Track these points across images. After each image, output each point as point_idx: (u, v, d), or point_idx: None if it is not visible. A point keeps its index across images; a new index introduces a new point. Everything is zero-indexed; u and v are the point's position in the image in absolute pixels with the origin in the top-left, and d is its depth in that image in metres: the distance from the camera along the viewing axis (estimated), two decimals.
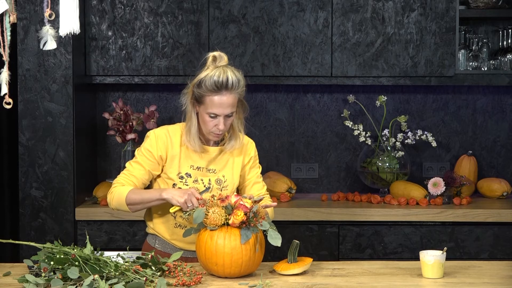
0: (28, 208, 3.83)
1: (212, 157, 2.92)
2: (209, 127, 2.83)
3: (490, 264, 2.88)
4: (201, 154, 2.90)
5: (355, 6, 4.04)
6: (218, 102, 2.78)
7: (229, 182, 2.93)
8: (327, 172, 4.42)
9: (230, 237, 2.58)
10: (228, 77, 2.75)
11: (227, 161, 2.94)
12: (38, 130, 3.81)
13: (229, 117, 2.82)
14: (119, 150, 4.33)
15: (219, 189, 2.90)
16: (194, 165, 2.90)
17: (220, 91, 2.76)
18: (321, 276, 2.66)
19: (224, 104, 2.78)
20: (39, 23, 3.74)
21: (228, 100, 2.78)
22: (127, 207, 2.83)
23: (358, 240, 3.90)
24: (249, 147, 3.00)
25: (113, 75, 4.06)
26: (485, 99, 4.41)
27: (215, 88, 2.76)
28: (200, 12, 4.03)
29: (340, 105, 4.39)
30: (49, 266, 2.49)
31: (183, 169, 2.89)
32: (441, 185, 4.02)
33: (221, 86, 2.76)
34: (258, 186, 3.01)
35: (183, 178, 2.88)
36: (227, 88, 2.76)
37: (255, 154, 3.01)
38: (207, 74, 2.77)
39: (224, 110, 2.79)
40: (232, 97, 2.79)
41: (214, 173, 2.91)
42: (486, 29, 4.37)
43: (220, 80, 2.75)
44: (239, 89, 2.80)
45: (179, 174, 2.89)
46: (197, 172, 2.89)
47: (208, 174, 2.91)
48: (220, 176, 2.91)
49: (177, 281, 2.52)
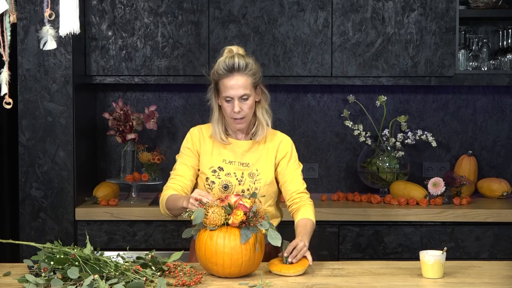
0: (28, 208, 3.83)
1: (244, 150, 2.99)
2: (228, 113, 2.93)
3: (490, 264, 2.88)
4: (233, 149, 2.99)
5: (355, 6, 4.04)
6: (229, 84, 2.90)
7: (262, 176, 2.97)
8: (327, 172, 4.42)
9: (230, 237, 2.58)
10: (235, 59, 2.89)
11: (261, 154, 2.99)
12: (38, 130, 3.81)
13: (244, 100, 2.92)
14: (119, 150, 4.33)
15: (252, 182, 2.96)
16: (227, 159, 2.98)
17: (231, 73, 2.89)
18: (321, 276, 2.66)
19: (235, 86, 2.89)
20: (39, 23, 3.74)
21: (238, 81, 2.89)
22: (168, 212, 2.94)
23: (358, 240, 3.90)
24: (285, 143, 3.04)
25: (113, 75, 4.06)
26: (485, 99, 4.41)
27: (225, 71, 2.89)
28: (200, 12, 4.03)
29: (340, 105, 4.39)
30: (49, 266, 2.49)
31: (215, 163, 2.98)
32: (441, 185, 4.02)
33: (230, 68, 2.89)
34: (297, 182, 3.01)
35: (216, 172, 2.97)
36: (236, 70, 2.89)
37: (291, 150, 3.04)
38: (219, 61, 2.92)
39: (236, 91, 2.89)
40: (242, 79, 2.90)
41: (247, 166, 2.97)
42: (486, 29, 4.37)
43: (227, 62, 2.89)
44: (249, 72, 2.91)
45: (212, 168, 2.98)
46: (230, 166, 2.97)
47: (241, 167, 2.97)
48: (254, 169, 2.97)
49: (177, 281, 2.52)
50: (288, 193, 2.99)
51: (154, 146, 4.34)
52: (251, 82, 2.92)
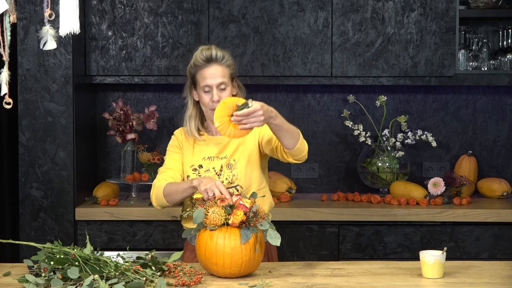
0: (28, 208, 3.83)
1: (223, 145, 3.00)
2: (206, 103, 2.97)
3: (490, 264, 2.88)
4: (213, 145, 3.01)
5: (355, 6, 4.04)
6: (208, 73, 2.96)
7: (239, 163, 2.97)
8: (327, 172, 4.42)
9: (230, 237, 2.58)
10: (212, 50, 2.97)
11: (238, 144, 2.99)
12: (38, 130, 3.81)
13: (223, 90, 2.96)
14: (119, 150, 4.33)
15: (229, 171, 2.96)
16: (206, 156, 3.00)
17: (208, 63, 2.96)
18: (321, 276, 2.66)
19: (213, 74, 2.95)
20: (39, 23, 3.74)
21: (216, 70, 2.96)
22: (165, 200, 2.92)
23: (358, 240, 3.90)
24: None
25: (113, 75, 4.06)
26: (485, 99, 4.41)
27: (202, 62, 2.96)
28: (200, 12, 4.03)
29: (340, 105, 4.39)
30: (49, 266, 2.49)
31: (196, 161, 3.00)
32: (441, 185, 4.02)
33: (207, 58, 2.96)
34: None
35: (196, 170, 2.99)
36: (213, 59, 2.96)
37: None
38: (195, 53, 3.01)
39: (215, 79, 2.95)
40: (220, 68, 2.96)
41: (225, 158, 2.98)
42: (486, 29, 4.37)
43: (205, 53, 2.97)
44: (226, 62, 2.98)
45: (192, 166, 3.00)
46: (209, 162, 2.99)
47: (220, 161, 2.99)
48: (231, 160, 2.98)
49: (177, 281, 2.52)
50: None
51: (154, 146, 4.34)
52: (228, 73, 2.98)
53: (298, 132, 2.85)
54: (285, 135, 2.80)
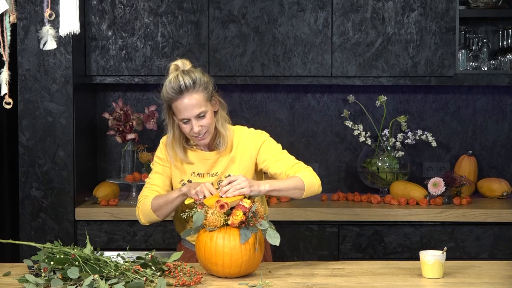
0: (28, 208, 3.83)
1: (212, 161, 2.93)
2: (187, 133, 2.84)
3: (490, 264, 2.88)
4: (201, 160, 2.93)
5: (355, 6, 4.04)
6: (182, 106, 2.78)
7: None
8: (327, 172, 4.42)
9: (230, 237, 2.58)
10: (179, 80, 2.76)
11: (229, 161, 2.92)
12: (38, 130, 3.81)
13: (201, 118, 2.81)
14: (119, 150, 4.33)
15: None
16: (195, 172, 2.93)
17: (180, 94, 2.77)
18: (321, 276, 2.66)
19: (188, 106, 2.77)
20: (39, 23, 3.74)
21: (191, 101, 2.77)
22: (155, 214, 2.88)
23: (358, 240, 3.90)
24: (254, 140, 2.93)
25: (113, 75, 4.06)
26: (485, 99, 4.42)
27: (173, 94, 2.77)
28: (200, 12, 4.03)
29: (340, 105, 4.39)
30: (49, 266, 2.49)
31: (185, 176, 2.93)
32: (441, 185, 4.02)
33: (177, 90, 2.76)
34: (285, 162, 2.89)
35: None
36: (184, 90, 2.76)
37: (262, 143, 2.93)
38: (165, 82, 2.80)
39: (191, 112, 2.78)
40: (194, 97, 2.77)
41: (216, 175, 2.92)
42: (486, 29, 4.37)
43: (173, 85, 2.77)
44: (200, 88, 2.78)
45: (182, 181, 2.93)
46: (199, 178, 2.92)
47: (211, 178, 2.92)
48: (223, 177, 2.88)
49: (177, 281, 2.52)
50: (284, 174, 2.87)
51: (154, 146, 4.33)
52: (205, 97, 2.79)
53: (301, 181, 2.78)
54: (288, 194, 2.80)
